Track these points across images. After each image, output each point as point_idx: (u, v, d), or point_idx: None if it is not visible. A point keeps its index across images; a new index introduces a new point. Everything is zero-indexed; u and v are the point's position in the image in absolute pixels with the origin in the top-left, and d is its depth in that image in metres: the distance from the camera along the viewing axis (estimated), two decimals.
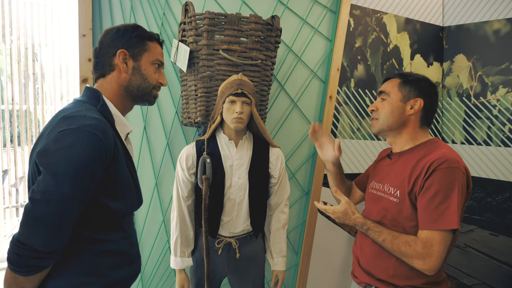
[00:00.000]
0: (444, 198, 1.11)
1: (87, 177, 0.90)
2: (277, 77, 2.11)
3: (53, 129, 0.92)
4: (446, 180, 1.12)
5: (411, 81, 1.29)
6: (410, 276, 1.21)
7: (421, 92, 1.28)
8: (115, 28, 1.11)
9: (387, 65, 2.44)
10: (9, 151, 4.44)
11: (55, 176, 0.87)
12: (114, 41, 1.09)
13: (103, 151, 0.93)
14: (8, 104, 4.15)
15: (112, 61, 1.09)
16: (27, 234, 0.86)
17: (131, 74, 1.10)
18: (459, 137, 2.55)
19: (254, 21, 1.60)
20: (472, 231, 1.86)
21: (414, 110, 1.27)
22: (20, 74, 4.22)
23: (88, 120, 0.93)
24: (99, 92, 1.07)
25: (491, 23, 2.41)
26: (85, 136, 0.89)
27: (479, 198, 2.41)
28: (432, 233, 1.12)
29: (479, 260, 1.57)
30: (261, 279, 1.67)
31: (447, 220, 1.10)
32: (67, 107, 1.01)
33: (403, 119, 1.29)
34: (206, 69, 1.60)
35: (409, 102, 1.28)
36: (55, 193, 0.86)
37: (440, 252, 1.11)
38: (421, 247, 1.12)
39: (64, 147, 0.88)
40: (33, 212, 0.86)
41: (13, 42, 4.26)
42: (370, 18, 2.35)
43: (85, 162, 0.89)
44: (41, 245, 0.86)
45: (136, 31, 1.11)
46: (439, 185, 1.12)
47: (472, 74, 2.49)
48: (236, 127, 1.49)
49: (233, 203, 1.56)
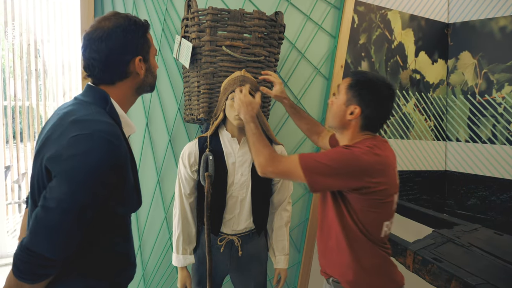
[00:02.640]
0: (323, 156, 1.18)
1: (101, 183, 0.88)
2: (280, 73, 2.09)
3: (63, 133, 0.88)
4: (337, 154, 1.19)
5: (356, 85, 1.25)
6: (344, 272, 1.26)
7: (361, 100, 1.23)
8: (117, 30, 0.99)
9: (391, 62, 2.41)
10: (11, 147, 4.44)
11: (70, 183, 0.84)
12: (124, 47, 1.00)
13: (117, 157, 0.91)
14: (10, 100, 4.14)
15: (127, 69, 1.02)
16: (38, 242, 0.84)
17: (145, 76, 1.06)
18: (463, 135, 2.53)
19: (257, 17, 1.58)
20: (477, 230, 1.84)
21: (353, 116, 1.25)
22: (23, 70, 4.22)
23: (100, 124, 0.90)
24: (106, 94, 1.01)
25: (497, 20, 2.38)
26: (99, 142, 0.87)
27: (484, 196, 2.40)
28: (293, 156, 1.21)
29: (483, 259, 1.55)
30: (264, 277, 1.67)
31: (305, 155, 1.19)
32: (73, 109, 0.96)
33: (343, 122, 1.28)
34: (209, 65, 1.58)
35: (350, 107, 1.25)
36: (70, 201, 0.84)
37: (284, 166, 1.20)
38: (276, 154, 1.24)
39: (78, 153, 0.85)
40: (46, 221, 0.84)
41: (15, 38, 4.25)
42: (375, 14, 2.32)
43: (100, 169, 0.87)
44: (52, 254, 0.84)
45: (140, 29, 1.04)
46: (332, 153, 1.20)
47: (477, 72, 2.46)
48: (239, 124, 1.48)
49: (235, 200, 1.55)
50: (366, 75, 1.28)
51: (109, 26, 0.99)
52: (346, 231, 1.23)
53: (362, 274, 1.23)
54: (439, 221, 2.04)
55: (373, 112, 1.23)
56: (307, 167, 1.17)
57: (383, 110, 1.26)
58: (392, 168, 1.24)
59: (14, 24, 4.21)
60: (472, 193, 2.46)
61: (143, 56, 1.04)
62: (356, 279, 1.24)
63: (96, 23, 1.01)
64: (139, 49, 1.02)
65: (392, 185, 1.24)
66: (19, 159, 4.49)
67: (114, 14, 1.02)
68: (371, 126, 1.27)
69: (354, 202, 1.22)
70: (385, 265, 1.27)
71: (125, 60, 1.01)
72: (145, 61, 1.05)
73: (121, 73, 1.02)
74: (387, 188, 1.21)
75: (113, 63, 1.00)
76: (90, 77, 1.03)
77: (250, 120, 1.34)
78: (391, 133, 2.44)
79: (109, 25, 0.99)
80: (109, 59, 0.99)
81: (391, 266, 1.29)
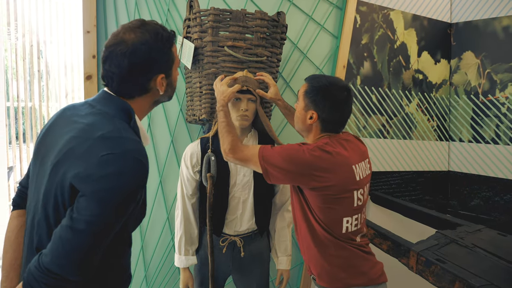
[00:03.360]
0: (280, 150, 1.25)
1: (130, 204, 0.86)
2: (282, 74, 2.09)
3: (92, 150, 0.84)
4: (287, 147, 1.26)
5: (311, 91, 1.31)
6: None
7: (316, 106, 1.30)
8: (142, 48, 0.93)
9: (393, 62, 2.41)
10: (14, 148, 4.46)
11: (101, 205, 0.81)
12: (147, 65, 0.95)
13: (146, 177, 0.89)
14: (13, 101, 4.16)
15: (148, 85, 0.98)
16: (63, 265, 0.80)
17: (166, 90, 1.02)
18: (466, 135, 2.52)
19: (259, 17, 1.58)
20: (480, 231, 1.83)
21: (312, 121, 1.31)
22: (25, 71, 4.23)
23: (130, 144, 0.87)
24: (130, 108, 0.96)
25: (500, 20, 2.37)
26: (131, 163, 0.85)
27: (487, 197, 2.38)
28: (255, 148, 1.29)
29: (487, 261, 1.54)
30: (266, 278, 1.66)
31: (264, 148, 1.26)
32: (97, 121, 0.90)
33: (305, 126, 1.34)
34: (211, 65, 1.58)
35: (308, 112, 1.31)
36: (101, 223, 0.82)
37: (243, 154, 1.28)
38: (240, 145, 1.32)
39: (110, 174, 0.82)
40: (74, 242, 0.80)
41: (18, 40, 4.27)
42: (377, 14, 2.32)
43: (131, 190, 0.85)
44: (76, 275, 0.81)
45: (166, 45, 0.98)
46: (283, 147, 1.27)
47: (480, 72, 2.45)
48: (241, 124, 1.48)
49: (237, 201, 1.54)
50: (320, 80, 1.33)
51: (134, 41, 0.93)
52: (310, 227, 1.30)
53: (326, 267, 1.29)
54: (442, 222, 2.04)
55: (329, 115, 1.29)
56: (264, 157, 1.24)
57: (339, 113, 1.31)
58: (345, 164, 1.26)
59: (16, 25, 4.22)
60: (476, 193, 2.45)
61: (166, 73, 1.00)
62: (320, 271, 1.31)
63: (120, 34, 0.94)
64: (163, 66, 0.98)
65: (344, 182, 1.25)
66: (22, 160, 4.50)
67: (140, 26, 0.96)
68: (331, 128, 1.33)
69: (310, 198, 1.28)
70: (353, 260, 1.29)
71: (147, 78, 0.97)
72: (167, 77, 1.01)
73: (140, 90, 0.98)
74: (336, 185, 1.23)
75: (133, 80, 0.95)
76: (107, 87, 0.98)
77: (220, 109, 1.40)
78: (394, 134, 2.43)
79: (135, 39, 0.93)
80: (129, 76, 0.94)
81: (362, 261, 1.30)
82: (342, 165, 1.25)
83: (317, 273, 1.33)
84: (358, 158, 1.32)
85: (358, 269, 1.29)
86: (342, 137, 1.33)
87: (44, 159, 0.92)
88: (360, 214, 1.32)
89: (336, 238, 1.27)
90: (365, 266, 1.30)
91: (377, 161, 2.37)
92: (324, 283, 1.32)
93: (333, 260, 1.28)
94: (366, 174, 1.34)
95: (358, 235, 1.32)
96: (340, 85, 1.31)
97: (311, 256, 1.33)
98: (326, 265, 1.29)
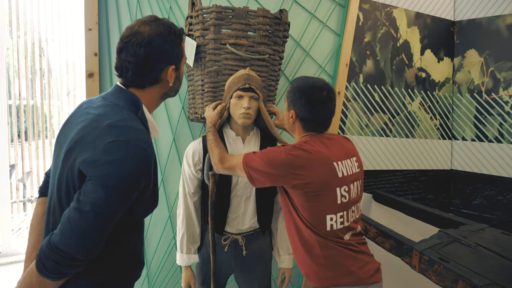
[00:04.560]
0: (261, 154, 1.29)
1: (134, 190, 0.92)
2: (284, 72, 2.08)
3: (99, 137, 0.90)
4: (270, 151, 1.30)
5: (290, 91, 1.36)
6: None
7: (294, 105, 1.34)
8: (157, 39, 1.00)
9: (396, 60, 2.40)
10: (16, 146, 4.46)
11: (106, 188, 0.87)
12: (162, 55, 1.01)
13: (150, 165, 0.95)
14: (15, 99, 4.16)
15: (160, 76, 1.04)
16: (70, 244, 0.86)
17: (174, 83, 1.09)
18: (469, 134, 2.50)
19: (262, 15, 1.57)
20: (483, 230, 1.82)
21: (292, 120, 1.37)
22: (27, 69, 4.24)
23: (136, 133, 0.93)
24: (138, 99, 1.02)
25: (504, 18, 2.35)
26: (135, 150, 0.90)
27: (490, 196, 2.37)
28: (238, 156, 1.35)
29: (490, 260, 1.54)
30: (268, 277, 1.66)
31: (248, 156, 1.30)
32: (106, 112, 0.96)
33: (289, 126, 1.41)
34: (213, 63, 1.58)
35: (290, 112, 1.37)
36: (105, 206, 0.87)
37: (231, 165, 1.34)
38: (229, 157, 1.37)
39: (115, 160, 0.87)
40: (80, 223, 0.86)
41: (20, 38, 4.27)
42: (380, 12, 2.30)
43: (135, 177, 0.90)
44: (82, 254, 0.87)
45: (178, 39, 1.05)
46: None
47: (483, 70, 2.44)
48: (244, 122, 1.47)
49: (240, 200, 1.54)
50: (299, 81, 1.37)
51: (150, 33, 1.00)
52: (296, 227, 1.32)
53: (313, 266, 1.30)
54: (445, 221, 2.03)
55: (306, 114, 1.33)
56: (247, 163, 1.29)
57: (316, 112, 1.33)
58: (324, 161, 1.27)
59: (18, 24, 4.22)
60: (478, 192, 2.44)
61: (176, 65, 1.06)
62: (308, 271, 1.33)
63: (136, 27, 1.01)
64: (173, 58, 1.05)
65: (324, 178, 1.26)
66: (24, 158, 4.51)
67: (155, 20, 1.03)
68: (313, 127, 1.36)
69: (294, 198, 1.30)
70: (339, 258, 1.29)
71: (159, 68, 1.03)
72: (176, 70, 1.07)
73: (153, 79, 1.03)
74: (315, 181, 1.25)
75: (148, 69, 1.01)
76: (120, 77, 1.04)
77: (208, 130, 1.49)
78: (396, 132, 2.42)
79: (150, 31, 1.00)
80: (144, 65, 1.00)
81: (351, 260, 1.29)
82: (320, 162, 1.27)
83: (305, 272, 1.35)
84: (341, 155, 1.32)
85: (346, 268, 1.28)
86: (325, 136, 1.36)
87: (61, 148, 0.99)
88: (347, 211, 1.31)
89: (321, 237, 1.28)
90: (354, 266, 1.29)
91: (379, 160, 2.36)
92: (313, 283, 1.33)
93: (320, 259, 1.29)
94: (353, 171, 1.34)
95: (347, 233, 1.32)
96: (319, 85, 1.33)
97: (299, 256, 1.35)
98: (313, 265, 1.30)
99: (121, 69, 1.02)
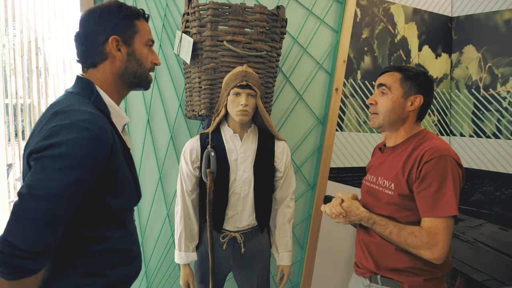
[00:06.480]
0: (440, 185, 1.14)
1: (77, 175, 0.84)
2: (282, 69, 2.07)
3: (45, 125, 0.87)
4: (439, 168, 1.15)
5: (412, 76, 1.28)
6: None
7: (421, 88, 1.28)
8: (97, 10, 1.00)
9: (394, 56, 2.39)
10: (13, 145, 4.44)
11: (43, 170, 0.82)
12: (100, 26, 0.99)
13: (99, 148, 0.88)
14: (12, 98, 4.14)
15: (104, 49, 1.01)
16: (11, 231, 0.80)
17: (126, 61, 1.03)
18: (467, 130, 2.50)
19: (259, 11, 1.56)
20: (481, 226, 1.83)
21: (414, 106, 1.28)
22: (24, 68, 4.21)
23: (82, 114, 0.88)
24: (91, 83, 1.00)
25: (501, 13, 2.35)
26: (79, 132, 0.85)
27: (488, 192, 2.37)
28: (434, 222, 1.14)
29: (489, 255, 1.54)
30: (266, 274, 1.66)
31: (446, 207, 1.13)
32: (58, 100, 0.96)
33: (403, 116, 1.30)
34: (210, 60, 1.57)
35: (410, 98, 1.28)
36: (41, 187, 0.81)
37: (445, 240, 1.13)
38: (426, 237, 1.14)
39: (55, 143, 0.83)
40: (19, 208, 0.81)
41: (16, 36, 4.24)
42: (377, 8, 2.30)
43: (77, 160, 0.84)
44: (24, 244, 0.80)
45: (122, 11, 1.01)
46: (433, 174, 1.15)
47: (481, 66, 2.44)
48: (241, 119, 1.46)
49: (238, 197, 1.53)
50: (411, 68, 1.33)
51: (92, 8, 1.02)
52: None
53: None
54: None
55: (431, 98, 1.32)
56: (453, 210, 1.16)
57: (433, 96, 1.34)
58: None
59: (14, 22, 4.19)
60: (477, 188, 2.44)
61: (121, 38, 1.01)
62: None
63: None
64: (115, 29, 1.00)
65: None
66: (21, 157, 4.49)
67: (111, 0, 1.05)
68: (425, 114, 1.35)
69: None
70: None
71: (99, 40, 1.00)
72: (126, 45, 1.02)
73: (99, 54, 1.01)
74: None
75: (91, 42, 1.00)
76: (78, 62, 1.04)
77: (366, 219, 1.27)
78: None
79: (94, 7, 1.02)
80: (88, 38, 1.00)
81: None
82: None
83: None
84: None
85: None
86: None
87: None
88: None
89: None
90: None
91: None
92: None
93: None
94: None
95: None
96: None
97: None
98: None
99: (76, 55, 1.04)
